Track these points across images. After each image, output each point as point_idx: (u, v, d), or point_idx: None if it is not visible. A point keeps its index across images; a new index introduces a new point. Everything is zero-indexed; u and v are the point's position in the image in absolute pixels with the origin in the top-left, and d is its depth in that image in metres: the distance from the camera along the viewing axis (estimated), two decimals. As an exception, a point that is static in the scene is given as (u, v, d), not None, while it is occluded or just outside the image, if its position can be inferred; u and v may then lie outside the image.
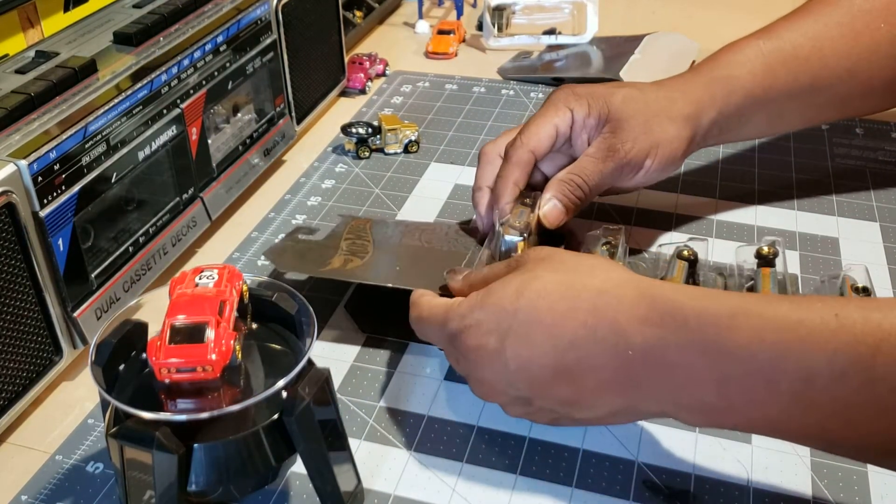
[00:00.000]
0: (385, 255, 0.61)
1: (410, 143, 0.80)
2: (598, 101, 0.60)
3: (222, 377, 0.41)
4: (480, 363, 0.47)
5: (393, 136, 0.79)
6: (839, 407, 0.39)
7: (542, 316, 0.45)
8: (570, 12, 0.99)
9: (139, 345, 0.44)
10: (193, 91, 0.64)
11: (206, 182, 0.67)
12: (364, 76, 0.91)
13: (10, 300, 0.50)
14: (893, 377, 0.38)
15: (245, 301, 0.45)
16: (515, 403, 0.48)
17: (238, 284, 0.44)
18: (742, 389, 0.41)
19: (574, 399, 0.45)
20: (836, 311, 0.39)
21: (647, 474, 0.48)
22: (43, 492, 0.48)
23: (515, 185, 0.59)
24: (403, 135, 0.79)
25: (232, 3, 0.69)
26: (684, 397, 0.43)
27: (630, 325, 0.43)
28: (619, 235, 0.61)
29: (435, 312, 0.50)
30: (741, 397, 0.41)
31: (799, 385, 0.40)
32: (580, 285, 0.45)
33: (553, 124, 0.59)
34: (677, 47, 0.97)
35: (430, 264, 0.59)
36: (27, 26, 0.63)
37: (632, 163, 0.59)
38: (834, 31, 0.65)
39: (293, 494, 0.48)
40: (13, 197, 0.48)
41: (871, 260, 0.65)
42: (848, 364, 0.39)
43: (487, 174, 0.62)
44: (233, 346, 0.41)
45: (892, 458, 0.41)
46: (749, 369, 0.40)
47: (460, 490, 0.48)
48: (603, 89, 0.61)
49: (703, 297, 0.43)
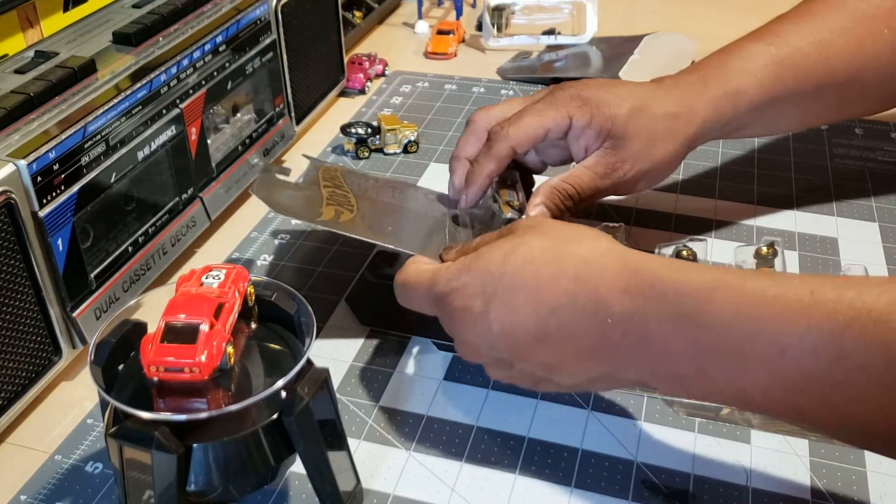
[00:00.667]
0: (370, 210, 0.60)
1: (410, 144, 0.80)
2: (602, 113, 0.58)
3: (214, 380, 0.41)
4: (465, 325, 0.48)
5: (392, 137, 0.79)
6: (812, 384, 0.40)
7: (527, 281, 0.45)
8: (570, 12, 0.99)
9: (138, 345, 0.44)
10: (193, 91, 0.64)
11: (205, 182, 0.67)
12: (363, 76, 0.91)
13: (9, 300, 0.49)
14: (861, 355, 0.38)
15: (250, 303, 0.45)
16: (498, 366, 0.49)
17: (243, 286, 0.44)
18: (717, 362, 0.42)
19: (554, 364, 0.46)
20: (812, 288, 0.40)
21: (646, 474, 0.48)
22: (42, 492, 0.48)
23: (489, 176, 0.59)
24: (403, 135, 0.79)
25: (231, 3, 0.69)
26: (661, 368, 0.44)
27: (610, 295, 0.44)
28: (618, 234, 0.61)
29: (423, 276, 0.50)
30: (716, 370, 0.42)
31: (773, 361, 0.40)
32: (566, 252, 0.46)
33: (545, 128, 0.58)
34: (676, 47, 0.97)
35: (413, 224, 0.60)
36: (27, 26, 0.63)
37: (629, 182, 0.59)
38: (839, 38, 0.64)
39: (292, 494, 0.48)
40: (12, 197, 0.48)
41: (871, 260, 0.65)
42: (819, 340, 0.39)
43: (469, 146, 0.61)
44: (224, 349, 0.41)
45: (868, 438, 0.41)
46: (725, 343, 0.41)
47: (460, 490, 0.48)
48: (610, 97, 0.59)
49: (684, 270, 0.43)
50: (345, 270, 0.65)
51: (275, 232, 0.69)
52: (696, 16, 1.09)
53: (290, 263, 0.66)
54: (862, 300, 0.39)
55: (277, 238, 0.69)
